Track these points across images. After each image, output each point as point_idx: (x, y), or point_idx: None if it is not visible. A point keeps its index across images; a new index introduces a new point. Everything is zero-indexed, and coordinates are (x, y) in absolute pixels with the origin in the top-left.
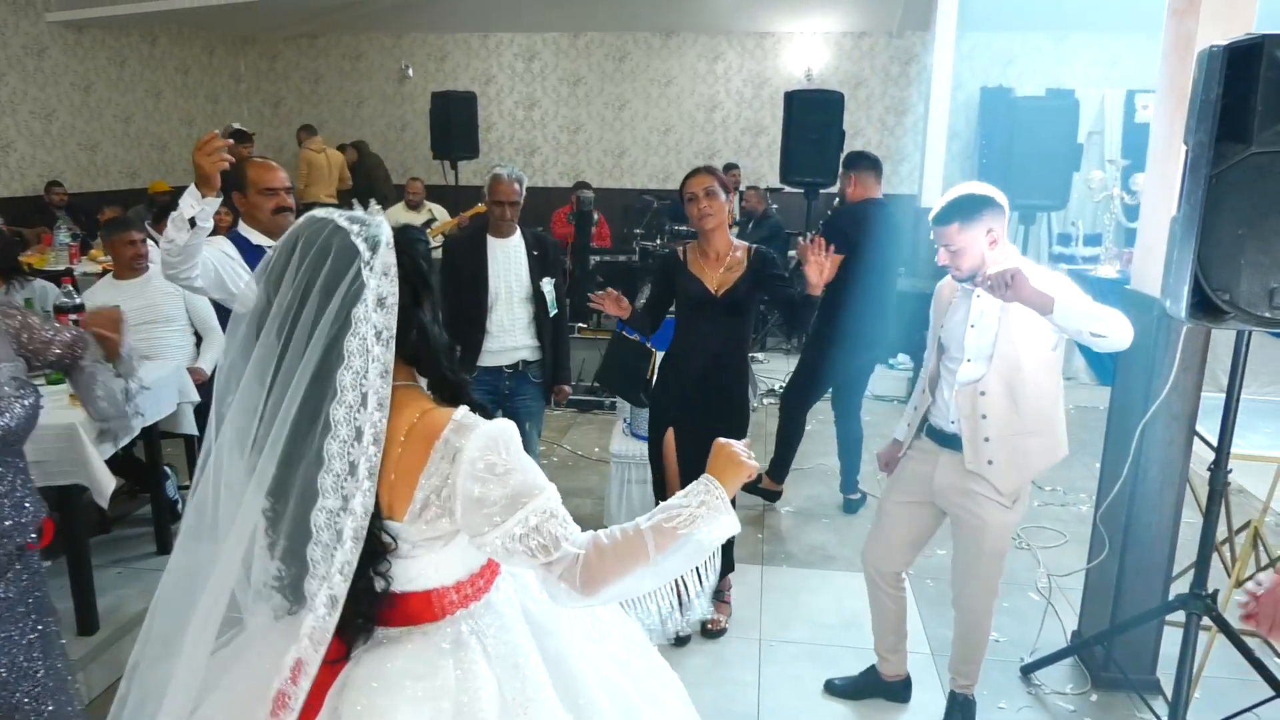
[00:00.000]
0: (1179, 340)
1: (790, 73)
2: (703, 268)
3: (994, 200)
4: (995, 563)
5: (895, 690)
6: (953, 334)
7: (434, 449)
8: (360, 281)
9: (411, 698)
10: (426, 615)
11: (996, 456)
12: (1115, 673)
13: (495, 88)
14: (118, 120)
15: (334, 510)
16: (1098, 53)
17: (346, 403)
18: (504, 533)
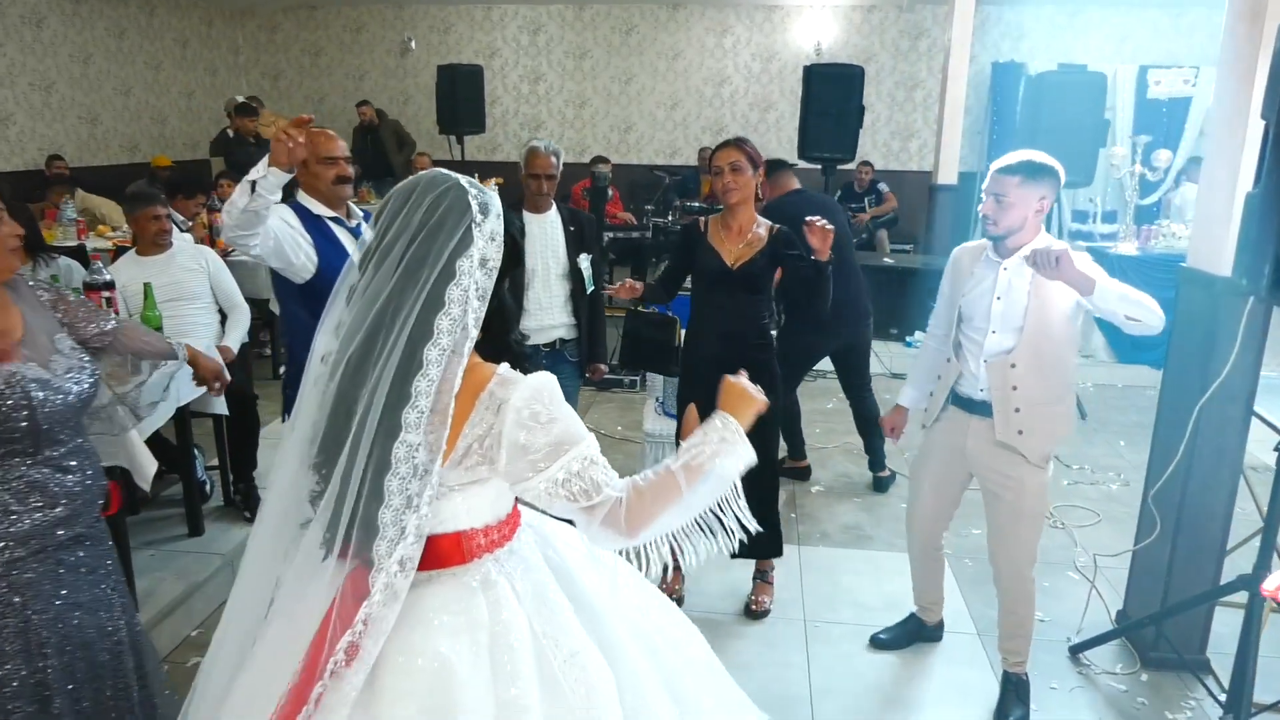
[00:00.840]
0: (1242, 318)
1: (799, 47)
2: (722, 240)
3: (1058, 173)
4: (1036, 525)
5: (935, 632)
6: (976, 305)
7: (479, 400)
8: (470, 237)
9: (449, 630)
10: (455, 557)
11: (1026, 426)
12: (1165, 652)
13: (500, 61)
14: (117, 93)
15: (414, 444)
16: (1109, 28)
17: (440, 345)
18: (547, 478)
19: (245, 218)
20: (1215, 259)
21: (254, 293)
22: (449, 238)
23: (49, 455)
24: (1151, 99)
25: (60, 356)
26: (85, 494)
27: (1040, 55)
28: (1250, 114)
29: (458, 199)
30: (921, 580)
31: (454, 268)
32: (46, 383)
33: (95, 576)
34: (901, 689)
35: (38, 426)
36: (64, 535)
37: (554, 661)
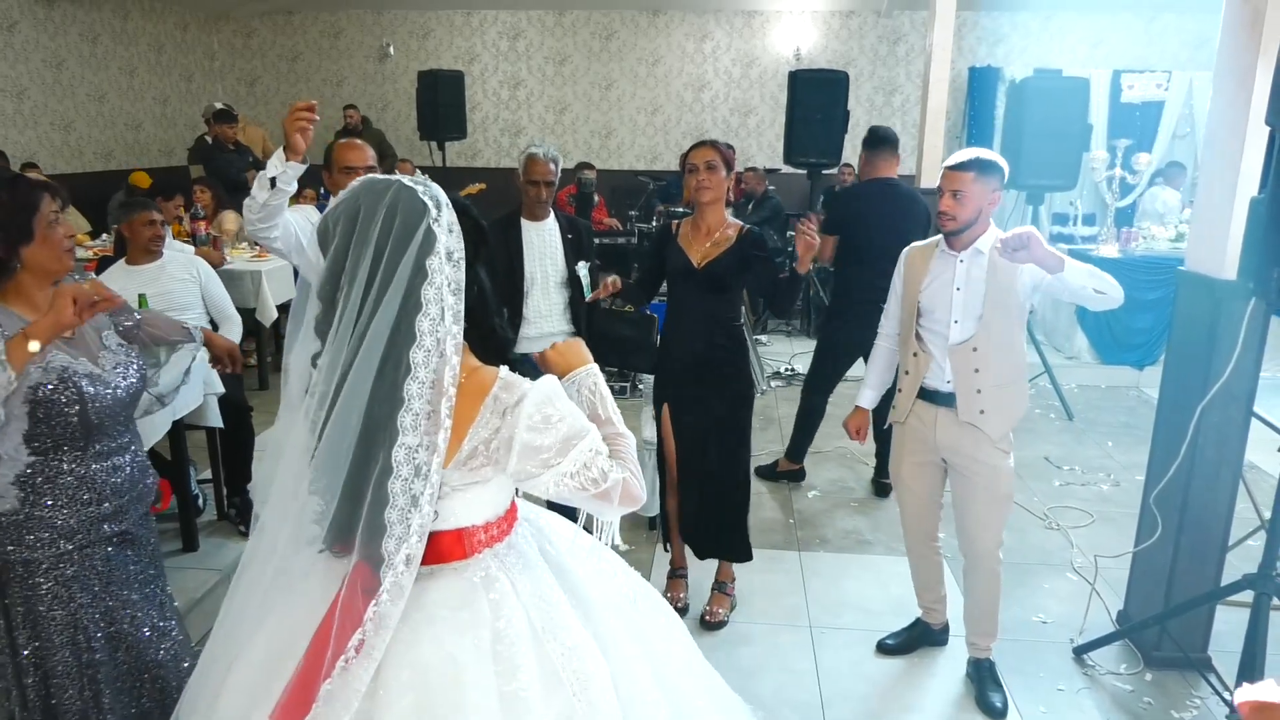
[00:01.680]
0: (1243, 321)
1: (779, 52)
2: (690, 241)
3: (1003, 169)
4: (1007, 507)
5: (940, 636)
6: (937, 298)
7: (484, 404)
8: (432, 235)
9: (453, 626)
10: (457, 553)
11: (987, 405)
12: (1168, 652)
13: (479, 66)
14: (91, 99)
15: (413, 446)
16: (1083, 32)
17: (425, 347)
18: (558, 472)
19: (265, 211)
20: (1215, 263)
21: (240, 302)
22: (412, 241)
23: (98, 450)
24: (1125, 103)
25: (108, 352)
26: (133, 490)
27: (1016, 60)
28: (1249, 119)
29: (408, 200)
30: (921, 577)
31: (425, 267)
32: (97, 378)
33: (145, 576)
34: (912, 693)
35: (89, 421)
36: (110, 530)
37: (553, 656)
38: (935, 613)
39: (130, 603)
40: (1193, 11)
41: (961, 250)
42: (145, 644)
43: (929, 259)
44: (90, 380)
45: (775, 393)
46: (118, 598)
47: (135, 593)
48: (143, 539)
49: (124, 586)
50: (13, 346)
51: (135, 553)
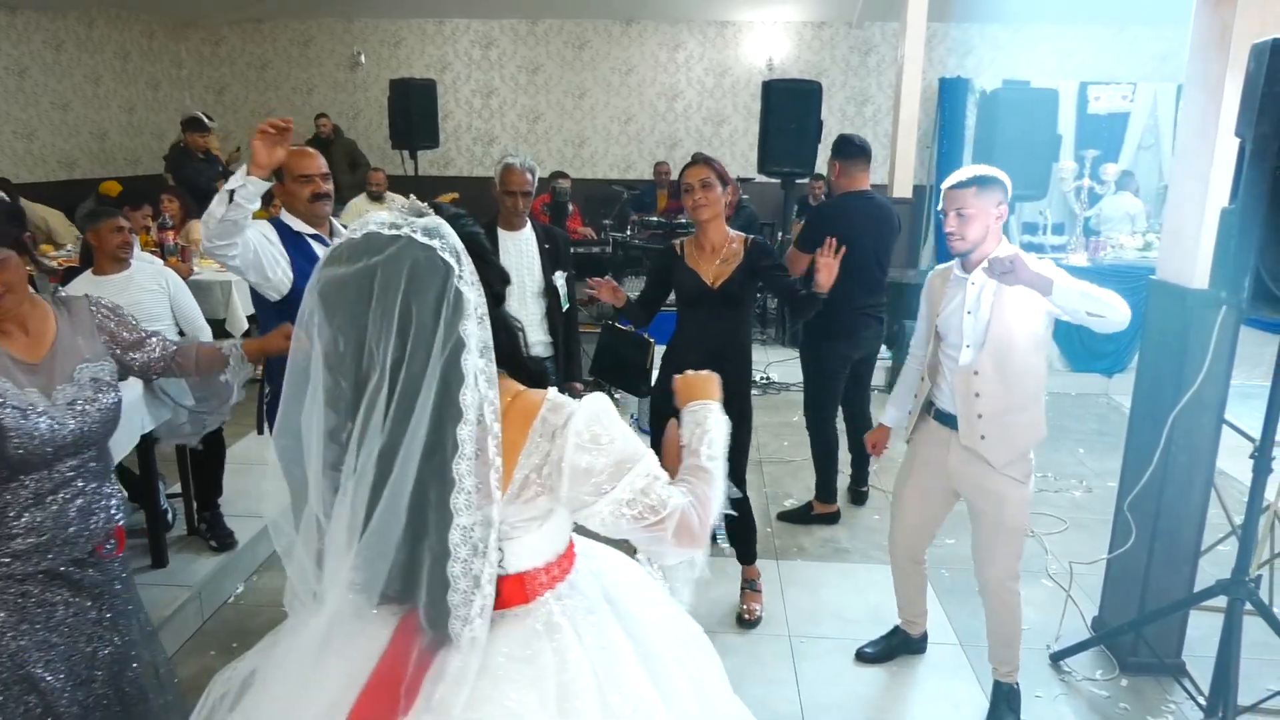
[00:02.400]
0: (1214, 330)
1: (751, 62)
2: (699, 261)
3: (1005, 182)
4: (1017, 539)
5: (919, 644)
6: (949, 322)
7: (532, 428)
8: (461, 297)
9: (517, 680)
10: (518, 598)
11: (988, 432)
12: (1143, 657)
13: (451, 75)
14: (55, 107)
15: (468, 526)
16: (1051, 45)
17: (469, 421)
18: (612, 499)
19: (223, 227)
20: (1186, 272)
21: (211, 313)
22: (442, 309)
23: (25, 483)
24: (1092, 114)
25: (71, 386)
26: (63, 530)
27: (986, 71)
28: (1219, 131)
29: (430, 263)
30: (904, 594)
31: (461, 335)
32: (33, 410)
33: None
34: (891, 703)
35: (7, 453)
36: (29, 568)
37: (617, 710)
38: (915, 625)
39: (46, 645)
40: (1158, 24)
41: (973, 271)
42: (54, 693)
43: (946, 282)
44: (23, 412)
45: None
46: (31, 637)
47: (58, 637)
48: (84, 583)
49: (43, 628)
50: None
51: (70, 594)
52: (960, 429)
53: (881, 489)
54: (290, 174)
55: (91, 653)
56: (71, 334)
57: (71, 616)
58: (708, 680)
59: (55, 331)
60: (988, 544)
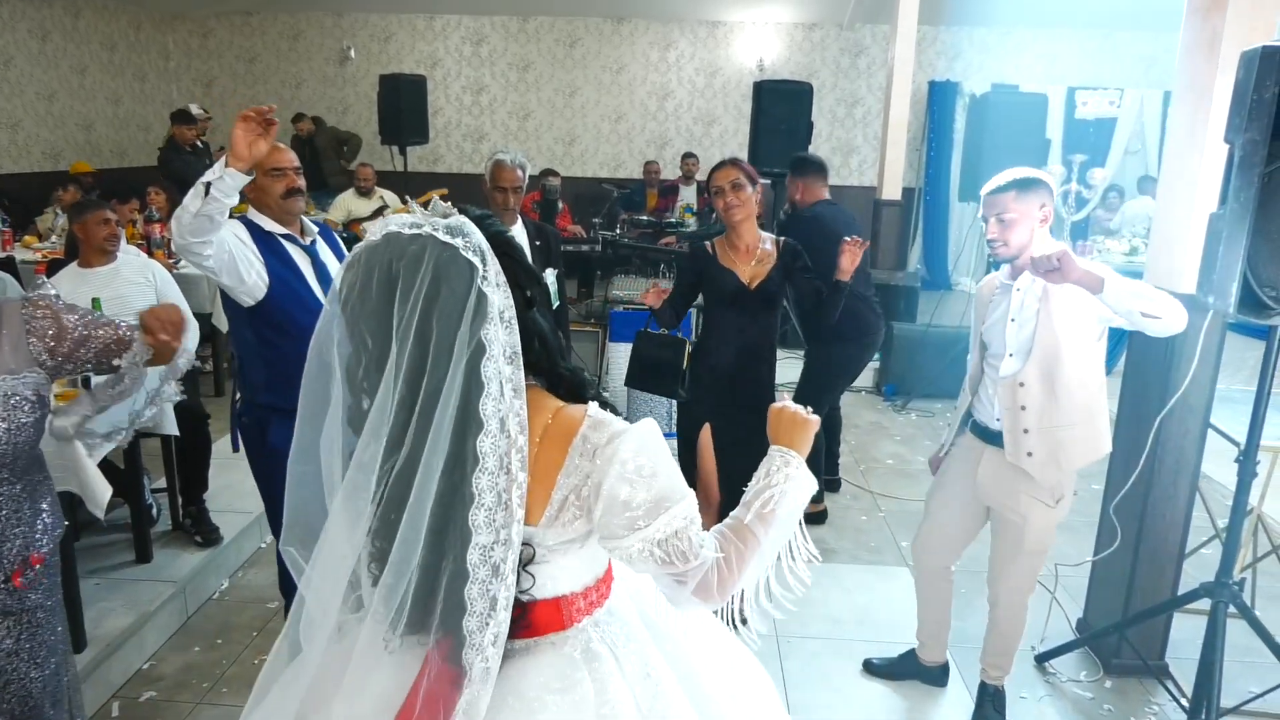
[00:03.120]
0: (1200, 334)
1: (742, 63)
2: (734, 261)
3: (1047, 182)
4: (1035, 561)
5: (934, 675)
6: (994, 331)
7: (572, 447)
8: (484, 299)
9: (554, 712)
10: (555, 624)
11: (1035, 449)
12: (1127, 659)
13: (442, 71)
14: (40, 98)
15: (488, 546)
16: (1040, 49)
17: (491, 433)
18: (644, 538)
19: (198, 223)
20: (1174, 277)
21: (197, 307)
22: (464, 312)
23: None
24: (1079, 119)
25: None
26: None
27: (975, 75)
28: (1208, 136)
29: (451, 262)
30: (927, 608)
31: (482, 341)
32: None
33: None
34: (879, 704)
35: None
36: None
37: None
38: (929, 649)
39: None
40: (1144, 30)
41: (1017, 278)
42: None
43: (993, 291)
44: None
45: None
46: None
47: None
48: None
49: None
50: None
51: None
52: (1006, 445)
53: (865, 488)
54: (262, 168)
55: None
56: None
57: None
58: (753, 701)
59: None
60: (1004, 561)
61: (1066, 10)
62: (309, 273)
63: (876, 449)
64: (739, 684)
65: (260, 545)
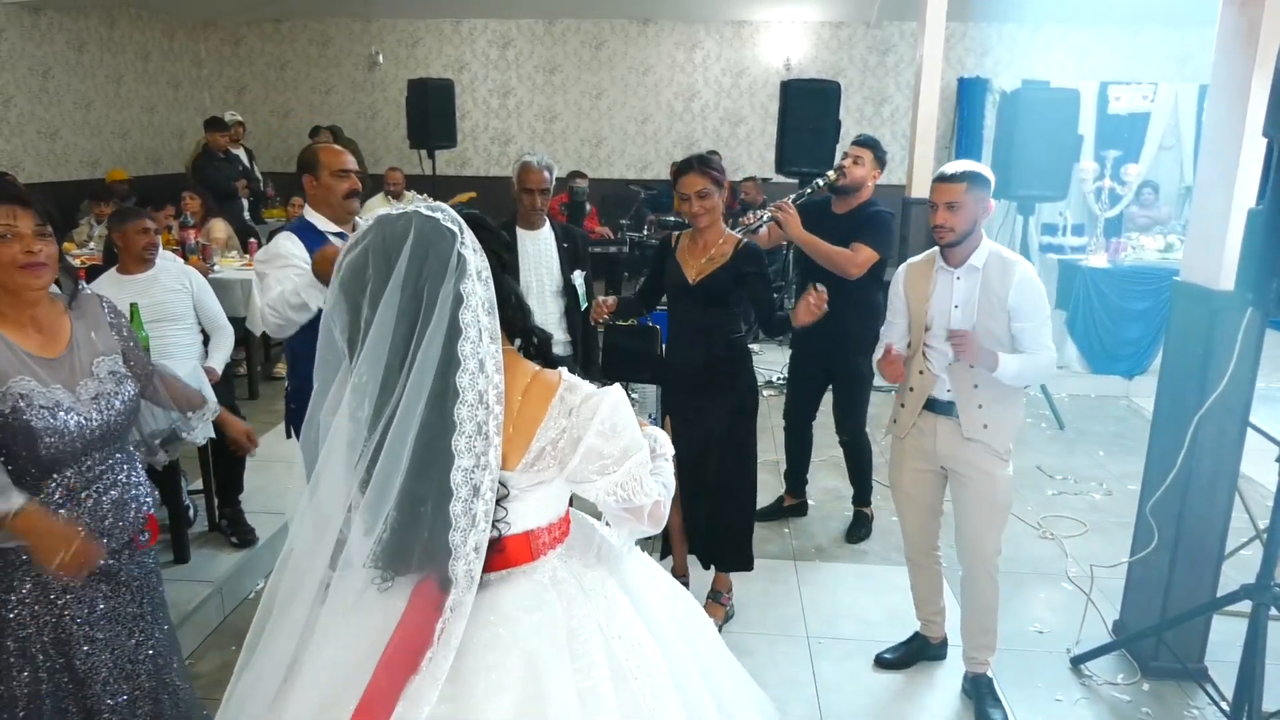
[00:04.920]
0: (1239, 332)
1: (768, 62)
2: (686, 256)
3: (991, 180)
4: (1002, 516)
5: (939, 651)
6: (936, 314)
7: (550, 405)
8: (463, 259)
9: (531, 627)
10: (524, 556)
11: (990, 419)
12: (1165, 662)
13: (469, 75)
14: (77, 107)
15: (469, 468)
16: (1070, 45)
17: (469, 370)
18: (612, 481)
19: (293, 315)
20: (1211, 274)
21: (232, 310)
22: (447, 269)
23: (61, 482)
24: (1112, 114)
25: (93, 381)
26: (101, 523)
27: (1004, 71)
28: (1245, 131)
29: (434, 230)
30: (920, 589)
31: (461, 292)
32: (61, 407)
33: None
34: (911, 705)
35: (39, 456)
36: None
37: (619, 654)
38: (934, 625)
39: (90, 639)
40: (1178, 25)
41: (958, 266)
42: (101, 686)
43: (929, 275)
44: (51, 411)
45: (766, 401)
46: (74, 631)
47: (100, 631)
48: (123, 576)
49: (85, 622)
50: None
51: (110, 588)
52: (963, 422)
53: None
54: (328, 169)
55: (134, 646)
56: (86, 328)
57: (112, 610)
58: (695, 629)
59: (70, 326)
60: (980, 523)
61: (1097, 6)
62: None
63: None
64: (682, 611)
65: None
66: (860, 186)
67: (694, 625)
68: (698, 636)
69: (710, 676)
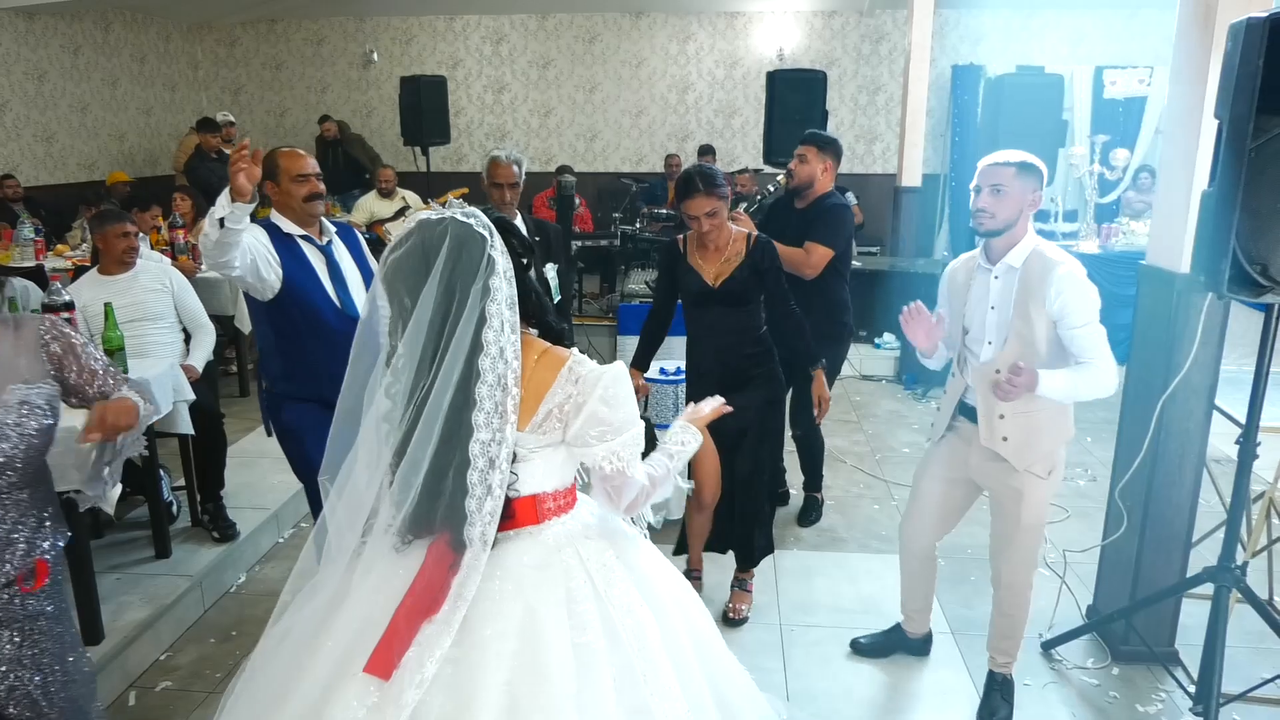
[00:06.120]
0: (1201, 315)
1: (762, 53)
2: (700, 260)
3: (1044, 172)
4: (1033, 536)
5: (918, 646)
6: (974, 316)
7: (560, 374)
8: (492, 260)
9: (534, 583)
10: (530, 518)
11: (1009, 432)
12: (1135, 646)
13: (463, 71)
14: (73, 110)
15: (486, 441)
16: (1065, 29)
17: (491, 355)
18: (608, 448)
19: (220, 248)
20: (1174, 256)
21: (220, 309)
22: (479, 268)
23: None
24: (1108, 99)
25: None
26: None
27: (999, 58)
28: (1204, 113)
29: (468, 234)
30: (910, 587)
31: (490, 288)
32: None
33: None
34: (880, 692)
35: None
36: None
37: (614, 616)
38: (915, 621)
39: None
40: (1173, 7)
41: (996, 262)
42: None
43: (970, 274)
44: None
45: None
46: None
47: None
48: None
49: None
50: None
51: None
52: (981, 429)
53: (880, 477)
54: (287, 175)
55: (5, 691)
56: (13, 353)
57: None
58: (687, 600)
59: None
60: (1005, 539)
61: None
62: (323, 271)
63: (893, 437)
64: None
65: (278, 540)
66: (812, 182)
67: (690, 604)
68: (694, 613)
69: (704, 652)
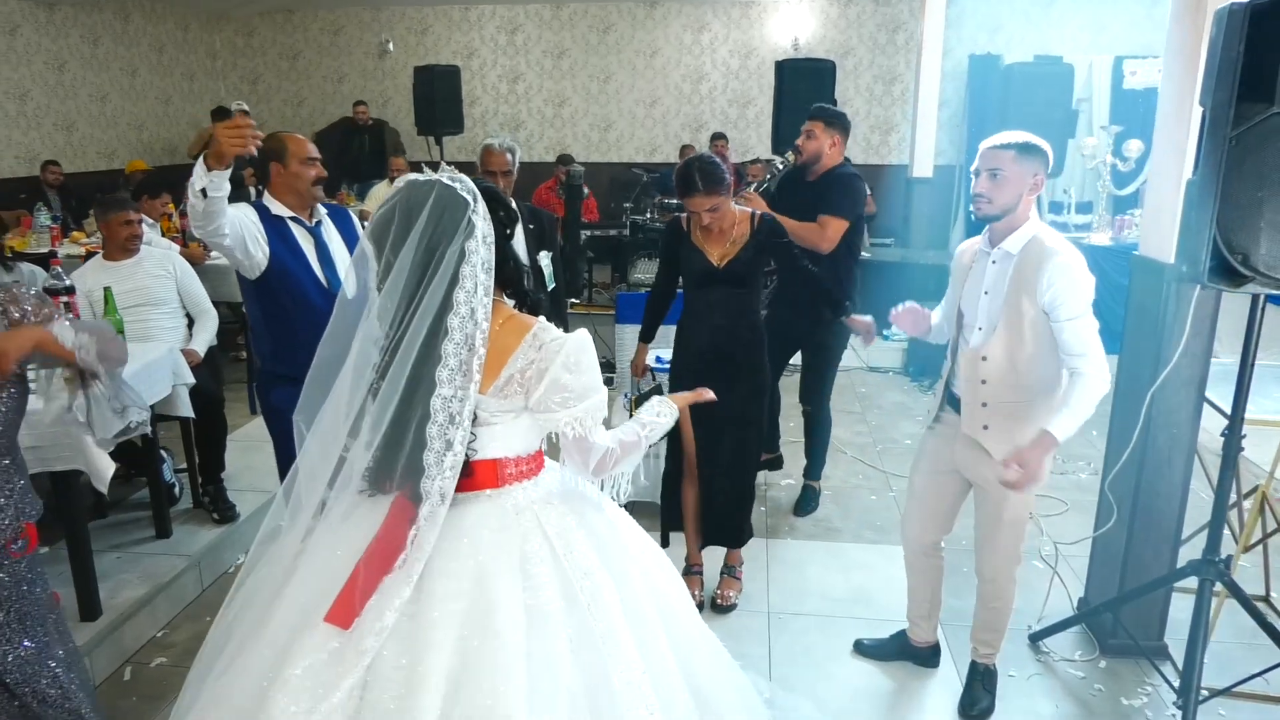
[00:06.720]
0: (1190, 305)
1: (776, 42)
2: (703, 240)
3: (1048, 154)
4: (1015, 531)
5: (924, 656)
6: (969, 300)
7: (524, 339)
8: (472, 224)
9: (489, 544)
10: (490, 482)
11: (992, 422)
12: (1123, 639)
13: (478, 61)
14: (93, 100)
15: (448, 397)
16: (1085, 19)
17: (460, 314)
18: (571, 415)
19: (207, 215)
20: (1164, 247)
21: (229, 295)
22: (458, 229)
23: None
24: (1128, 89)
25: None
26: None
27: (1016, 47)
28: (1195, 102)
29: (451, 196)
30: (914, 589)
31: (465, 250)
32: None
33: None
34: (861, 679)
35: None
36: None
37: (572, 579)
38: (920, 629)
39: None
40: None
41: (995, 246)
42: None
43: (973, 257)
44: None
45: None
46: None
47: None
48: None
49: None
50: None
51: None
52: (963, 417)
53: (878, 467)
54: (296, 158)
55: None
56: None
57: None
58: (656, 570)
59: None
60: (988, 533)
61: None
62: (310, 252)
63: (896, 429)
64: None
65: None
66: (820, 156)
67: (662, 574)
68: (662, 585)
69: (672, 624)
